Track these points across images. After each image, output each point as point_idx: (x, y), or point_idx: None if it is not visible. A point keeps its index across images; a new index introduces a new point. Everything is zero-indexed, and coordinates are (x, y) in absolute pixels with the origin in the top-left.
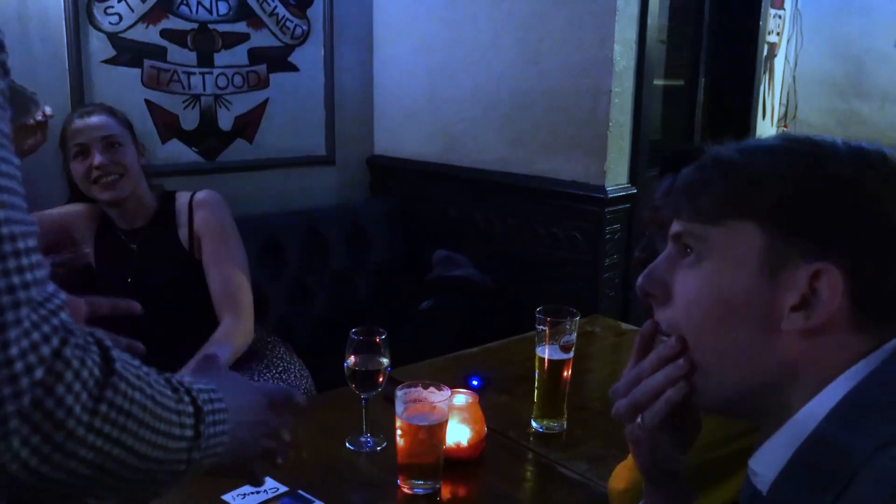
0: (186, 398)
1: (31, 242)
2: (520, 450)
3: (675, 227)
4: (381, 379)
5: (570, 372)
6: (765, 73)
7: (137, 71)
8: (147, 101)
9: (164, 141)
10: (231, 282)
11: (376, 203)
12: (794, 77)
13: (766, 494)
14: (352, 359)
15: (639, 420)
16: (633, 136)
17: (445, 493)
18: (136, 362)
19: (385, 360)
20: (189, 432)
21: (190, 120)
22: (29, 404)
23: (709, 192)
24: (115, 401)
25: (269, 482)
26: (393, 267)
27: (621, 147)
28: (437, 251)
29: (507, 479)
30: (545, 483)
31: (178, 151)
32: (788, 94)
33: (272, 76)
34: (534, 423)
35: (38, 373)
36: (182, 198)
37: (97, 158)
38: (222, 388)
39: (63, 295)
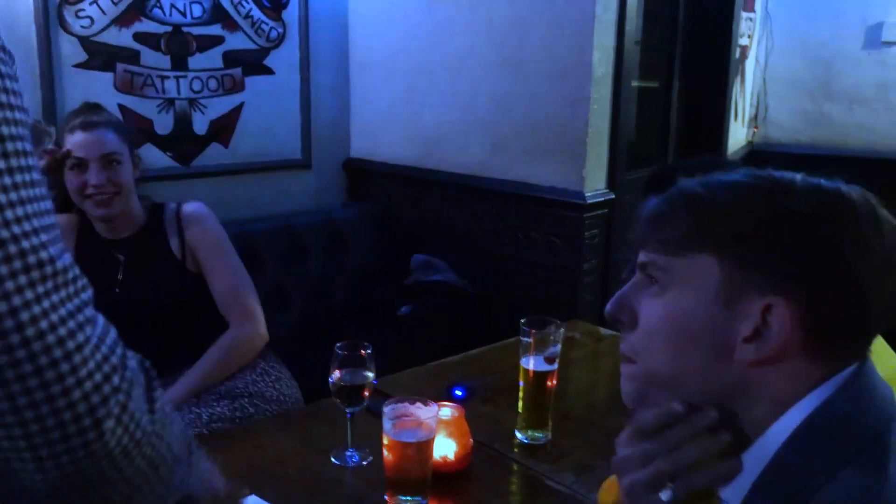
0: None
1: (78, 270)
2: (506, 462)
3: (642, 256)
4: (366, 393)
5: (555, 382)
6: (737, 75)
7: (110, 75)
8: (120, 106)
9: (138, 146)
10: (235, 289)
11: (353, 207)
12: (764, 79)
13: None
14: (337, 373)
15: (664, 496)
16: (611, 141)
17: None
18: None
19: (370, 375)
20: (181, 448)
21: (164, 124)
22: (116, 405)
23: (673, 224)
24: (159, 402)
25: (255, 499)
26: (371, 272)
27: (599, 153)
28: (416, 256)
29: (494, 492)
30: (532, 496)
31: (153, 156)
32: (759, 96)
33: (247, 79)
34: (518, 434)
35: (116, 379)
36: (169, 209)
37: (94, 177)
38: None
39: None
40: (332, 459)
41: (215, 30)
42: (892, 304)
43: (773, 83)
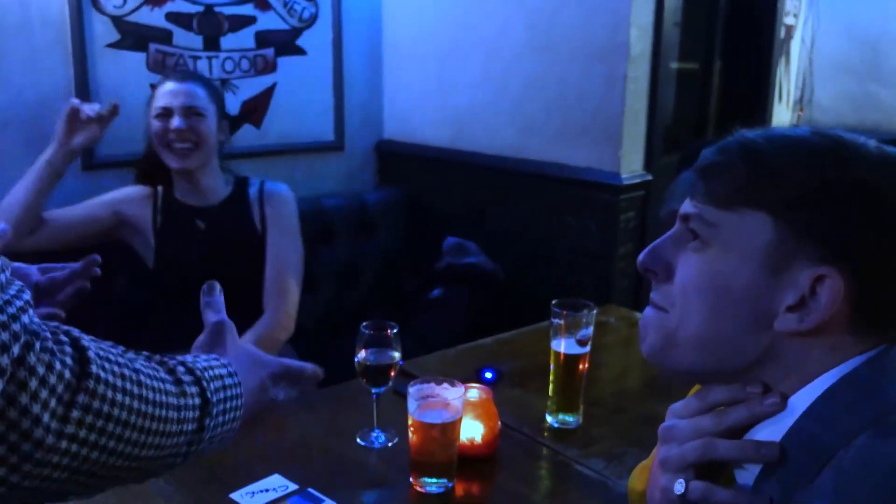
0: (193, 389)
1: None
2: (535, 447)
3: (686, 206)
4: (392, 373)
5: (586, 365)
6: (781, 55)
7: (142, 55)
8: (153, 87)
9: None
10: (282, 280)
11: (385, 190)
12: (810, 60)
13: (751, 488)
14: (362, 353)
15: (677, 487)
16: (648, 122)
17: (459, 490)
18: (126, 356)
19: (397, 355)
20: (190, 426)
21: None
22: None
23: (727, 175)
24: (92, 405)
25: (279, 480)
26: (402, 255)
27: (636, 134)
28: (447, 239)
29: (521, 477)
30: (561, 482)
31: None
32: (804, 78)
33: (280, 60)
34: (548, 418)
35: None
36: (253, 185)
37: (175, 122)
38: (236, 364)
39: (27, 294)
40: (358, 440)
41: (247, 10)
42: None
43: (818, 64)
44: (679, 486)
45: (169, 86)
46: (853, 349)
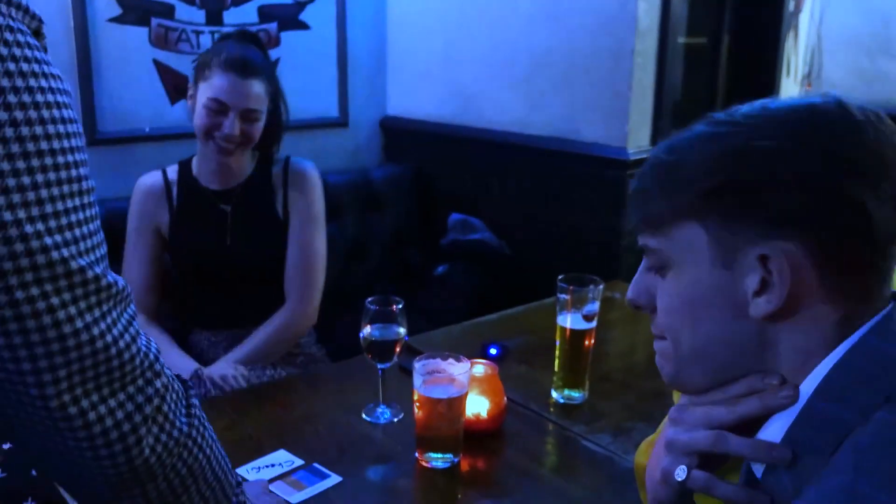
0: (239, 490)
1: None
2: (541, 422)
3: (640, 239)
4: (398, 349)
5: (592, 341)
6: (790, 30)
7: (145, 30)
8: (155, 62)
9: (173, 102)
10: (307, 268)
11: (390, 166)
12: (819, 35)
13: (760, 478)
14: (368, 328)
15: (679, 474)
16: (655, 96)
17: (465, 466)
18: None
19: (402, 330)
20: (232, 479)
21: None
22: (154, 409)
23: (650, 202)
24: (196, 410)
25: (285, 455)
26: (407, 231)
27: (643, 108)
28: (453, 215)
29: (528, 452)
30: (568, 457)
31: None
32: (813, 53)
33: (283, 35)
34: (554, 394)
35: (159, 384)
36: (278, 161)
37: (229, 127)
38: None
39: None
40: (364, 416)
41: None
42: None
43: (828, 39)
44: (681, 473)
45: (229, 78)
46: (835, 315)
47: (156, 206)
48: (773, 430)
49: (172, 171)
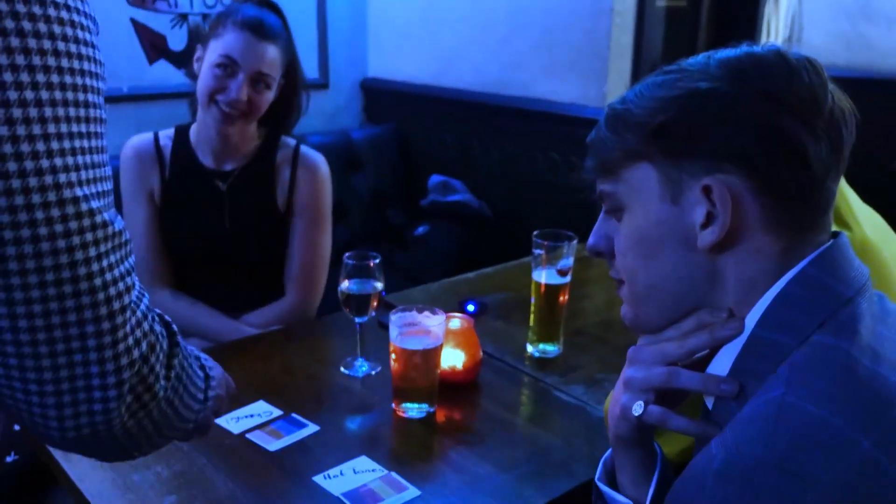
0: (200, 364)
1: (127, 234)
2: (516, 374)
3: (597, 187)
4: (375, 303)
5: (566, 297)
6: None
7: None
8: (133, 21)
9: (151, 62)
10: (311, 266)
11: (370, 127)
12: None
13: (711, 409)
14: (345, 283)
15: (636, 409)
16: (634, 57)
17: (440, 416)
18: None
19: (379, 285)
20: (201, 395)
21: (178, 40)
22: (135, 372)
23: (602, 148)
24: (177, 368)
25: (263, 406)
26: (387, 192)
27: (622, 68)
28: (433, 177)
29: (502, 403)
30: (541, 407)
31: (167, 73)
32: (794, 17)
33: None
34: (529, 348)
35: (144, 345)
36: (285, 146)
37: (237, 91)
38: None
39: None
40: (342, 369)
41: None
42: (834, 149)
43: (809, 3)
44: (638, 408)
45: (245, 37)
46: (776, 246)
47: (147, 171)
48: (722, 362)
49: (166, 137)
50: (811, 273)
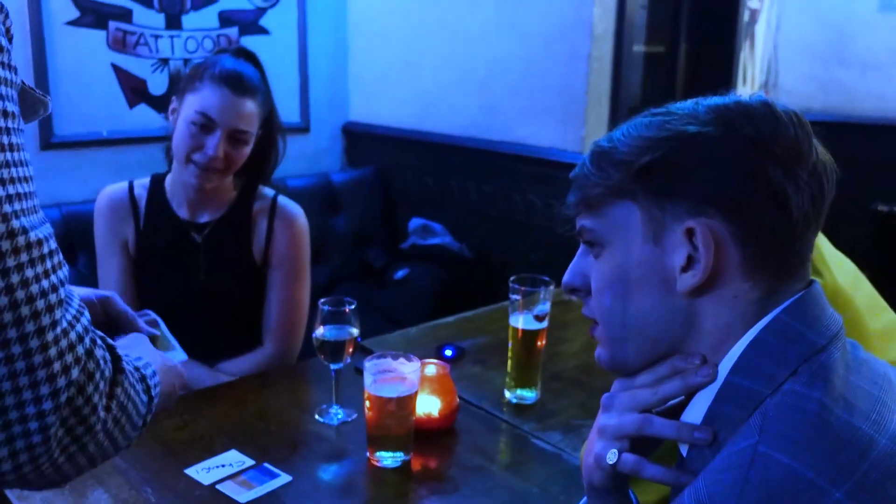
0: (144, 372)
1: (54, 244)
2: (493, 421)
3: (577, 224)
4: (350, 349)
5: (544, 342)
6: (746, 39)
7: (102, 33)
8: (114, 66)
9: (131, 106)
10: (290, 318)
11: (351, 170)
12: (775, 44)
13: (686, 455)
14: (321, 329)
15: (610, 458)
16: (612, 102)
17: (416, 464)
18: (126, 353)
19: (355, 331)
20: (140, 421)
21: (159, 84)
22: (64, 402)
23: (587, 184)
24: (120, 398)
25: (235, 455)
26: (368, 234)
27: (599, 113)
28: (413, 219)
29: (479, 450)
30: (518, 454)
31: (147, 118)
32: (770, 62)
33: (243, 39)
34: (507, 394)
35: (75, 372)
36: (263, 197)
37: (214, 148)
38: (157, 367)
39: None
40: (317, 417)
41: None
42: (814, 200)
43: (784, 48)
44: (612, 456)
45: (222, 93)
46: (754, 294)
47: (121, 221)
48: (697, 409)
49: (141, 187)
50: (784, 320)
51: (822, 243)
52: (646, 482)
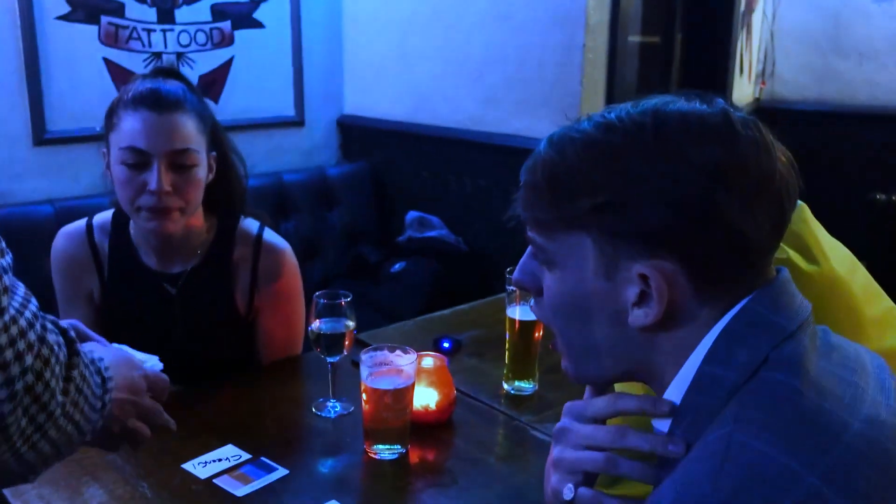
0: (97, 369)
1: None
2: (491, 413)
3: (528, 232)
4: (347, 342)
5: (541, 333)
6: (742, 28)
7: (94, 28)
8: (106, 60)
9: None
10: (285, 347)
11: (346, 164)
12: (772, 33)
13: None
14: (316, 323)
15: (566, 494)
16: (607, 93)
17: (413, 457)
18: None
19: (351, 324)
20: (98, 403)
21: None
22: (22, 390)
23: (540, 203)
24: (77, 380)
25: (232, 450)
26: (363, 228)
27: (595, 104)
28: (410, 213)
29: (477, 442)
30: (516, 446)
31: None
32: (766, 51)
33: (237, 33)
34: (505, 385)
35: (29, 359)
36: (245, 238)
37: (155, 181)
38: (110, 360)
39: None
40: (314, 410)
41: None
42: (775, 227)
43: (781, 37)
44: (568, 492)
45: (143, 117)
46: (711, 314)
47: (83, 271)
48: (671, 398)
49: (102, 232)
50: (751, 308)
51: (818, 230)
52: (633, 483)
